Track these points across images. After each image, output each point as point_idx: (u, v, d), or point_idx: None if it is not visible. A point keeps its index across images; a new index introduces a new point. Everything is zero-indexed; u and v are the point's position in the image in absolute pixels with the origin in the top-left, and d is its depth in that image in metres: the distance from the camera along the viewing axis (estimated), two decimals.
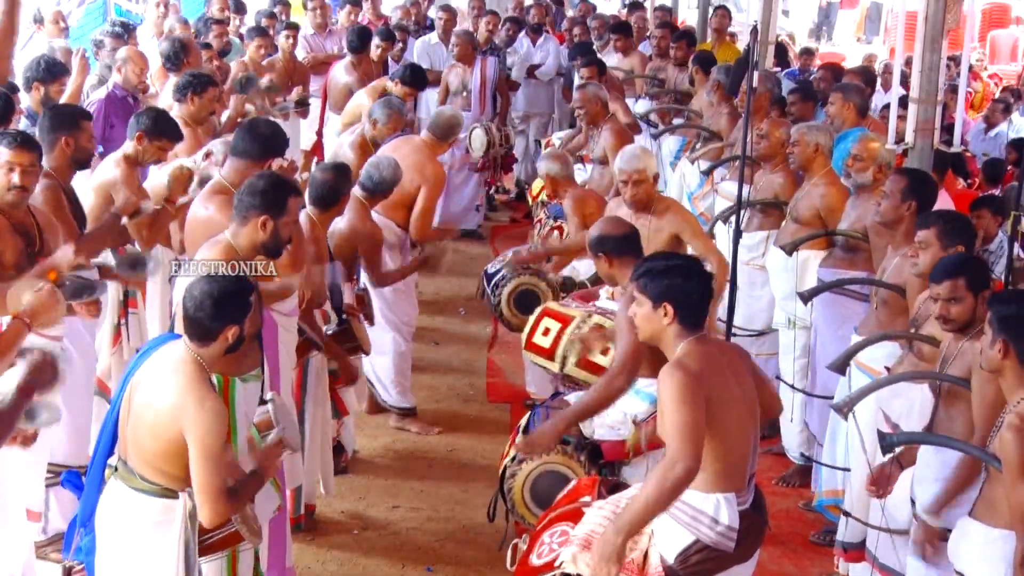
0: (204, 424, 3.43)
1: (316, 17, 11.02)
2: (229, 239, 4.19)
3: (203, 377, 3.53)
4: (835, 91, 7.22)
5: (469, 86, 10.17)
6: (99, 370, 5.52)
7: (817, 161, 6.21)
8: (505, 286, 6.42)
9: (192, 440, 3.44)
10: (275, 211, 4.13)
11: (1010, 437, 3.42)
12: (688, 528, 3.67)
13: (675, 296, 3.69)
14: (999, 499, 3.57)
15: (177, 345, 3.61)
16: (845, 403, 4.15)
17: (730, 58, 9.63)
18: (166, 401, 3.49)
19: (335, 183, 5.44)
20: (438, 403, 7.12)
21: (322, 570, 5.24)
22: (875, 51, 18.23)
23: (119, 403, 3.70)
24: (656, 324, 3.73)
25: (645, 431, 4.64)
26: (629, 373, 4.51)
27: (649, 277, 3.75)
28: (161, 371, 3.57)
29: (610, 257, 4.83)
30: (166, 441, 3.50)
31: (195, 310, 3.53)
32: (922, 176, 5.36)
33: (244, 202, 4.15)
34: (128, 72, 7.12)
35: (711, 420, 3.59)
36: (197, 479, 3.46)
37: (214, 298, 3.52)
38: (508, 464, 4.80)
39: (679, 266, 3.78)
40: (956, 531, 3.79)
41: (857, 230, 5.69)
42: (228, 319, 3.54)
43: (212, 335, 3.53)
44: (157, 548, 3.59)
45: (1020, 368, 3.54)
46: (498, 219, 11.43)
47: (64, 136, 4.96)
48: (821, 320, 5.83)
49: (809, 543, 5.63)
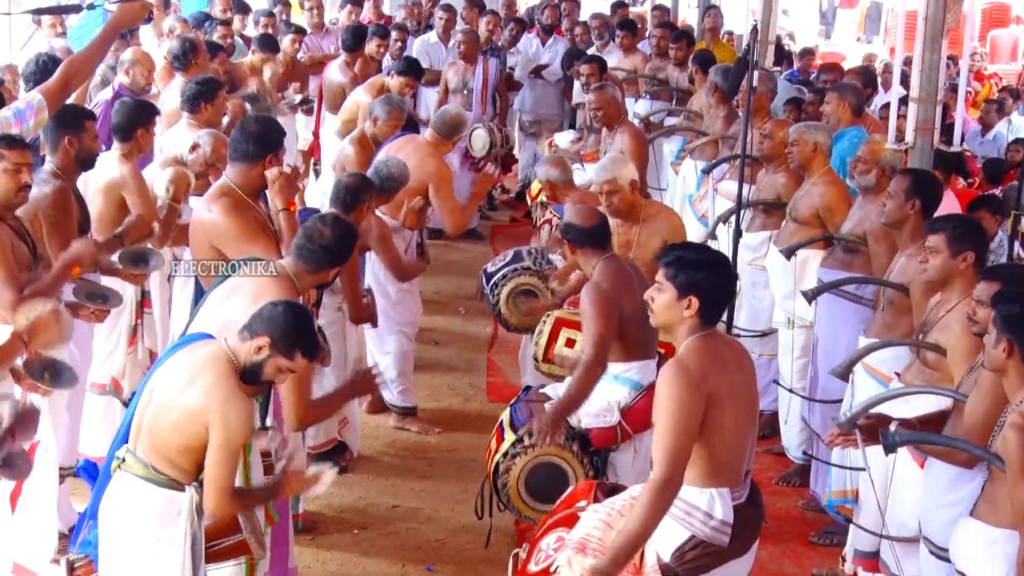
0: (231, 421, 3.52)
1: (313, 16, 11.03)
2: (289, 271, 4.25)
3: (235, 377, 3.60)
4: (831, 91, 7.24)
5: (470, 85, 10.16)
6: (115, 370, 5.57)
7: (816, 160, 6.21)
8: (504, 286, 6.42)
9: (215, 435, 3.52)
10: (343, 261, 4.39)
11: (1013, 436, 3.41)
12: (682, 523, 3.67)
13: (702, 290, 3.62)
14: (1001, 499, 3.57)
15: (209, 344, 3.69)
16: (848, 420, 4.12)
17: (726, 58, 9.63)
18: (194, 397, 3.56)
19: (357, 187, 5.49)
20: (438, 403, 7.12)
21: (322, 570, 5.24)
22: (875, 51, 18.22)
23: (139, 397, 3.76)
24: (675, 314, 3.66)
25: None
26: (601, 362, 4.64)
27: (679, 267, 3.64)
28: (191, 368, 3.63)
29: (572, 245, 4.91)
30: (189, 436, 3.56)
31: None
32: (926, 175, 5.36)
33: (319, 258, 4.28)
34: (136, 74, 7.13)
35: (708, 417, 3.59)
36: (211, 472, 3.53)
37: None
38: (500, 460, 4.81)
39: (711, 261, 3.70)
40: (957, 530, 3.78)
41: (858, 234, 5.69)
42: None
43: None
44: (161, 540, 3.62)
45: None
46: (498, 219, 11.43)
47: (68, 136, 4.95)
48: (823, 322, 5.83)
49: (809, 543, 5.64)
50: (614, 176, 5.66)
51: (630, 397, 4.80)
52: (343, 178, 5.65)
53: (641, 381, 4.80)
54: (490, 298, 6.44)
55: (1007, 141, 10.20)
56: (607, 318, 4.63)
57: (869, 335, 5.21)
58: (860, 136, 6.77)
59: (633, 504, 3.66)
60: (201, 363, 3.62)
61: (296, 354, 3.64)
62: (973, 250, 4.45)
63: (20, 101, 4.89)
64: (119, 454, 3.75)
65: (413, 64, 8.59)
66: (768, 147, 6.74)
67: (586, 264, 4.89)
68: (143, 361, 5.61)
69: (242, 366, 3.61)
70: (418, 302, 6.93)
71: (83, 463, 5.17)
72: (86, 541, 3.82)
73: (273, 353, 3.60)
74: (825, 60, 14.24)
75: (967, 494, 3.88)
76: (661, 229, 5.71)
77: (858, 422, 4.09)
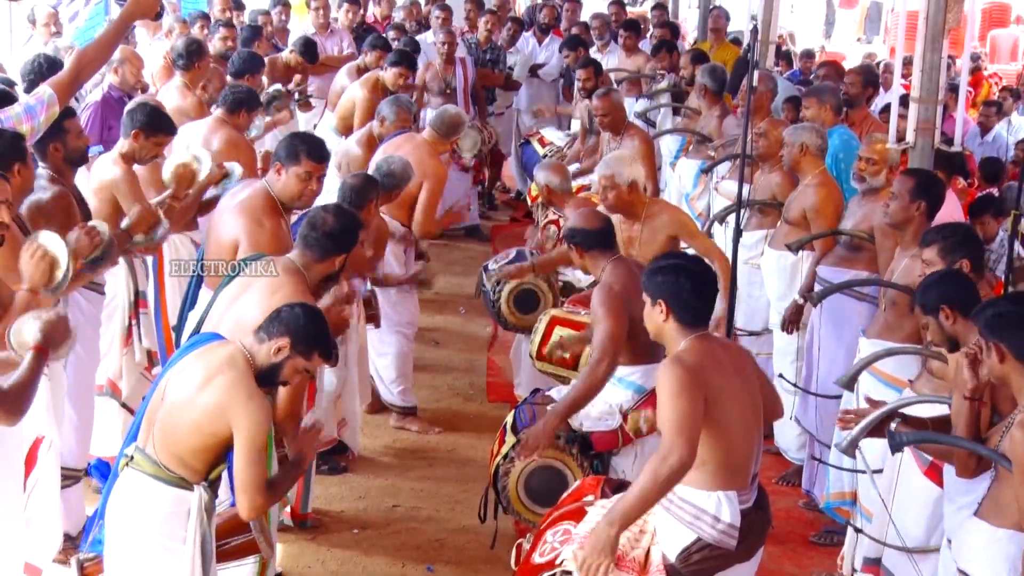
0: (252, 420, 3.53)
1: (319, 17, 10.99)
2: (298, 263, 4.28)
3: (251, 375, 3.61)
4: (809, 95, 7.15)
5: (452, 84, 10.16)
6: (111, 371, 5.54)
7: (806, 161, 6.22)
8: (505, 285, 6.41)
9: (239, 435, 3.53)
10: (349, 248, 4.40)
11: (1020, 436, 3.41)
12: (689, 526, 3.68)
13: (667, 294, 3.76)
14: (1007, 499, 3.56)
15: (225, 345, 3.71)
16: (850, 442, 4.11)
17: (730, 58, 9.61)
18: (213, 398, 3.57)
19: (363, 187, 5.49)
20: (438, 402, 7.12)
21: (322, 570, 5.24)
22: (875, 51, 18.22)
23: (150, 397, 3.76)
24: (656, 321, 3.82)
25: (645, 414, 4.67)
26: (611, 360, 4.60)
27: (647, 276, 3.85)
28: (207, 368, 3.63)
29: (579, 249, 4.91)
30: (208, 435, 3.58)
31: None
32: (930, 176, 5.35)
33: (325, 245, 4.31)
34: (126, 73, 7.11)
35: (711, 417, 3.60)
36: (241, 473, 3.54)
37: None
38: (501, 462, 4.81)
39: (671, 265, 3.83)
40: (961, 530, 3.76)
41: (863, 228, 5.68)
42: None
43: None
44: (171, 540, 3.62)
45: (1022, 367, 3.51)
46: (498, 218, 11.43)
47: (51, 143, 4.84)
48: (821, 320, 5.82)
49: (809, 543, 5.63)
50: (613, 173, 5.67)
51: (632, 401, 4.78)
52: (348, 179, 5.65)
53: (644, 385, 4.77)
54: (490, 295, 6.42)
55: (1006, 142, 10.20)
56: (618, 318, 4.61)
57: (870, 336, 5.19)
58: (846, 134, 6.82)
59: None
60: (219, 363, 3.62)
61: (314, 355, 3.70)
62: (967, 257, 4.46)
63: (30, 96, 4.83)
64: (127, 451, 3.75)
65: (405, 54, 8.56)
66: (763, 146, 6.73)
67: (595, 267, 4.89)
68: (141, 362, 5.60)
69: (260, 367, 3.65)
70: (416, 303, 6.92)
71: (95, 462, 5.18)
72: (96, 540, 3.84)
73: (292, 354, 3.65)
74: (825, 60, 14.22)
75: (982, 495, 3.87)
76: (666, 225, 5.71)
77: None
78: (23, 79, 6.27)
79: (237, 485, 3.57)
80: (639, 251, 5.61)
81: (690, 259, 3.99)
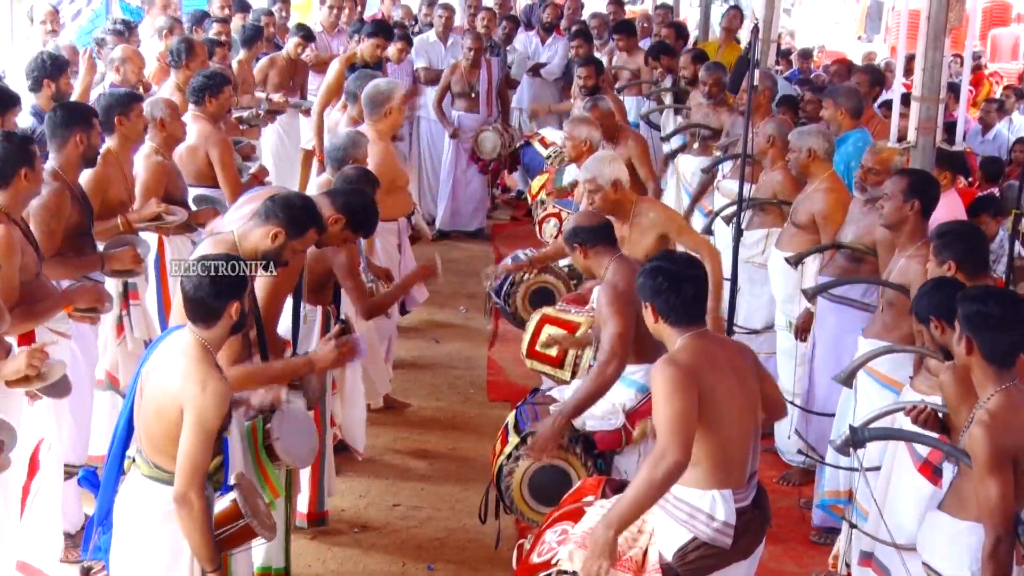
0: (204, 403, 3.50)
1: (331, 16, 10.96)
2: (235, 238, 4.20)
3: (209, 360, 3.59)
4: (826, 97, 7.15)
5: (476, 88, 10.14)
6: (108, 363, 5.56)
7: (814, 165, 6.19)
8: (517, 290, 6.42)
9: (189, 415, 3.50)
10: (292, 231, 4.18)
11: (979, 433, 3.53)
12: (685, 525, 3.69)
13: (650, 295, 3.81)
14: (968, 493, 3.67)
15: (183, 332, 3.68)
16: (844, 442, 4.13)
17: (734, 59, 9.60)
18: (171, 383, 3.56)
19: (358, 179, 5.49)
20: (439, 401, 7.11)
21: (322, 569, 5.24)
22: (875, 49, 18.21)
23: (132, 396, 3.76)
24: (651, 323, 3.87)
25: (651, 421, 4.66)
26: (620, 360, 4.59)
27: (637, 280, 3.91)
28: (169, 357, 3.64)
29: (584, 248, 4.90)
30: (169, 422, 3.56)
31: (195, 291, 3.60)
32: (923, 175, 5.34)
33: (270, 209, 4.18)
34: (127, 72, 7.13)
35: (706, 416, 3.61)
36: (181, 456, 3.51)
37: (212, 277, 3.61)
38: (504, 462, 4.80)
39: (650, 267, 3.87)
40: (925, 523, 3.87)
41: (865, 243, 5.65)
42: (228, 295, 3.62)
43: (216, 314, 3.61)
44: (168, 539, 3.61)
45: (986, 364, 3.62)
46: (499, 218, 11.42)
47: (79, 133, 4.96)
48: (824, 328, 5.81)
49: (809, 542, 5.63)
50: (594, 175, 5.61)
51: (636, 400, 4.76)
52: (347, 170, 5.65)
53: (647, 384, 4.76)
54: (502, 302, 6.44)
55: (1007, 140, 10.19)
56: (624, 316, 4.59)
57: (868, 336, 5.19)
58: (864, 139, 6.75)
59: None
60: (174, 352, 3.63)
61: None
62: (953, 259, 4.46)
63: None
64: (130, 453, 3.77)
65: (383, 25, 8.53)
66: (757, 145, 6.71)
67: (599, 265, 4.87)
68: (135, 351, 5.60)
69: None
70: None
71: (83, 472, 5.18)
72: (98, 547, 3.84)
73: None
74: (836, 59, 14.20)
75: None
76: (655, 224, 5.67)
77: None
78: (27, 76, 6.29)
79: (178, 463, 3.52)
80: (629, 251, 5.58)
81: (671, 258, 3.98)
